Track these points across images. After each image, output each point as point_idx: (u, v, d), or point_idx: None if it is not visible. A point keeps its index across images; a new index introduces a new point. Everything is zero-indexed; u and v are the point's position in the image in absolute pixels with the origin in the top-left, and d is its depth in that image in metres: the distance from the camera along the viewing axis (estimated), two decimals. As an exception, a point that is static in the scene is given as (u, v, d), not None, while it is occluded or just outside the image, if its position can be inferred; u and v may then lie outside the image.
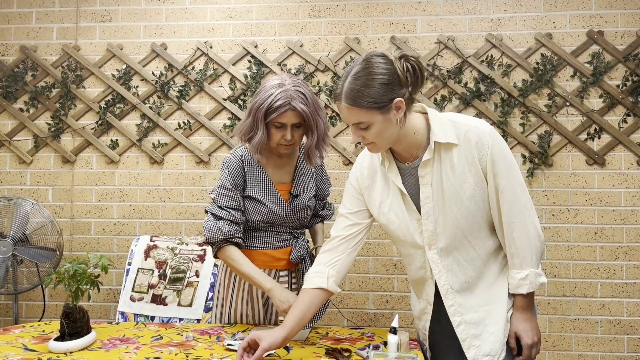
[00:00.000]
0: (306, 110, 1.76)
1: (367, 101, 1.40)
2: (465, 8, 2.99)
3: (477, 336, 1.54)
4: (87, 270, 1.66)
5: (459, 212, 1.51)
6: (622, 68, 2.90)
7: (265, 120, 1.78)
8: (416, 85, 1.44)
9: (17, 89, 3.15)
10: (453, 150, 1.49)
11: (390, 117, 1.43)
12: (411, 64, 1.42)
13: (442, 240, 1.54)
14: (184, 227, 3.09)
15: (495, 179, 1.48)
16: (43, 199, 3.14)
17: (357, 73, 1.42)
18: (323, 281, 1.59)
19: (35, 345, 1.66)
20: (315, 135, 1.84)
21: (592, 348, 2.88)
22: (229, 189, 1.86)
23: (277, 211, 1.88)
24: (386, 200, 1.61)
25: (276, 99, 1.74)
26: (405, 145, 1.53)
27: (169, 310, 2.67)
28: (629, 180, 2.89)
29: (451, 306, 1.56)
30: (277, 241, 1.93)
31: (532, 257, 1.50)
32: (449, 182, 1.50)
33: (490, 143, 1.47)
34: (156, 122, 3.09)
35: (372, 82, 1.40)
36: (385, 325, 2.95)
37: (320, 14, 3.07)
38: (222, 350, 1.63)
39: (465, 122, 1.51)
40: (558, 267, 2.91)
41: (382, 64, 1.41)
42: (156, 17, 3.13)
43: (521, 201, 1.49)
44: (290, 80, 1.78)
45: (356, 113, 1.43)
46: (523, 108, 2.94)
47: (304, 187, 1.95)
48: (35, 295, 3.13)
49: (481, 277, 1.57)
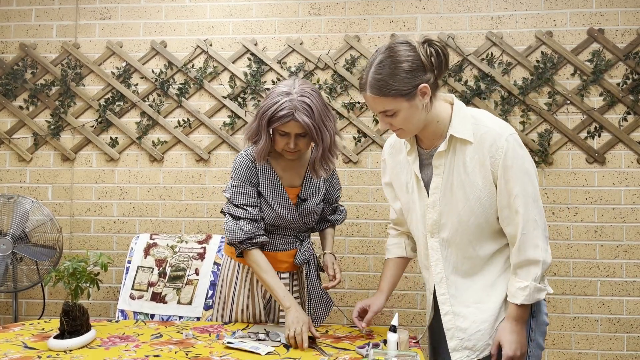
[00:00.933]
0: (309, 123, 1.71)
1: (392, 89, 1.41)
2: (466, 6, 2.99)
3: (463, 330, 1.54)
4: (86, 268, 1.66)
5: (462, 209, 1.50)
6: (622, 66, 2.89)
7: (269, 127, 1.75)
8: (441, 69, 1.45)
9: (16, 87, 3.14)
10: (467, 148, 1.48)
11: (417, 103, 1.44)
12: (435, 48, 1.43)
13: (445, 231, 1.54)
14: (183, 225, 3.09)
15: (507, 185, 1.44)
16: (43, 196, 3.14)
17: (381, 62, 1.42)
18: (402, 251, 1.81)
19: (35, 343, 1.66)
20: (320, 148, 1.79)
21: (592, 346, 2.88)
22: (243, 186, 1.83)
23: (285, 215, 1.86)
24: (404, 178, 1.65)
25: (280, 108, 1.70)
26: (428, 132, 1.53)
27: (168, 309, 2.67)
28: (629, 179, 2.88)
29: (442, 294, 1.57)
30: (282, 244, 1.91)
31: (536, 272, 1.45)
32: (459, 178, 1.49)
33: (505, 148, 1.43)
34: (156, 120, 3.09)
35: (396, 70, 1.41)
36: (385, 323, 2.95)
37: (320, 12, 3.06)
38: (221, 349, 1.63)
39: (486, 123, 1.48)
40: (558, 265, 2.91)
41: (406, 51, 1.42)
42: (156, 14, 3.13)
43: (531, 214, 1.43)
44: (298, 89, 1.72)
45: (382, 102, 1.44)
46: (523, 106, 2.94)
47: (313, 191, 1.92)
48: (34, 293, 3.13)
49: (479, 274, 1.55)
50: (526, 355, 1.51)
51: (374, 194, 3.01)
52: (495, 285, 1.55)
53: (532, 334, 1.54)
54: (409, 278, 2.97)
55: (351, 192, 3.02)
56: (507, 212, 1.47)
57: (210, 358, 1.54)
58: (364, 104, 3.00)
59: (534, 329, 1.54)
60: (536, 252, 1.45)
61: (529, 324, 1.54)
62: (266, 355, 1.58)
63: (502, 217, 1.49)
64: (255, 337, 1.73)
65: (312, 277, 1.93)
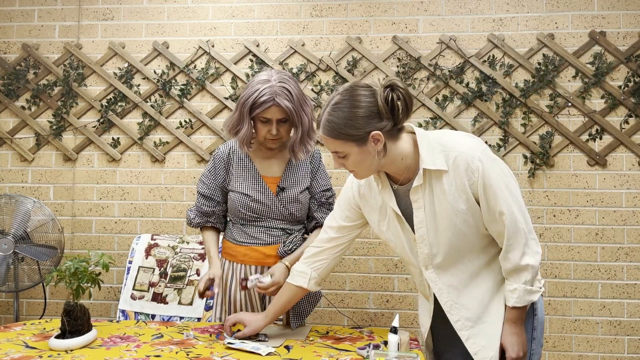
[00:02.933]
0: (290, 106, 1.79)
1: (343, 133, 1.42)
2: (467, 8, 2.99)
3: (475, 333, 1.54)
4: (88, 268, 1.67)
5: (452, 235, 1.49)
6: (624, 69, 2.89)
7: (251, 115, 1.83)
8: (400, 116, 1.43)
9: (19, 87, 3.15)
10: (443, 176, 1.45)
11: (368, 149, 1.43)
12: (398, 94, 1.40)
13: (438, 258, 1.54)
14: (184, 225, 3.09)
15: (489, 203, 1.44)
16: (44, 197, 3.14)
17: (337, 104, 1.43)
18: (304, 282, 1.74)
19: (36, 343, 1.66)
20: (299, 131, 1.87)
21: (593, 349, 2.88)
22: (207, 176, 1.98)
23: (262, 199, 1.90)
24: (384, 220, 1.62)
25: (261, 95, 1.77)
26: (395, 169, 1.52)
27: (169, 309, 2.67)
28: (630, 181, 2.88)
29: (457, 321, 1.55)
30: (267, 237, 1.93)
31: (526, 276, 1.47)
32: (441, 207, 1.48)
33: (480, 168, 1.42)
34: (157, 120, 3.09)
35: (350, 114, 1.40)
36: (385, 324, 2.95)
37: (322, 13, 3.06)
38: (222, 349, 1.63)
39: (454, 147, 1.45)
40: (559, 268, 2.91)
41: (364, 96, 1.41)
42: (158, 15, 3.14)
43: (518, 223, 1.44)
44: (276, 76, 1.81)
45: (333, 143, 1.46)
46: (525, 108, 2.94)
47: (294, 181, 1.96)
48: (36, 293, 3.14)
49: (478, 280, 1.56)
50: (529, 353, 1.53)
51: (375, 196, 3.01)
52: (496, 290, 1.56)
53: (534, 333, 1.55)
54: (409, 280, 2.97)
55: (352, 194, 3.02)
56: (494, 227, 1.48)
57: (211, 358, 1.55)
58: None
59: (536, 327, 1.55)
60: (523, 258, 1.46)
61: (531, 323, 1.55)
62: (267, 355, 1.58)
63: (489, 229, 1.50)
64: (255, 338, 1.73)
65: None
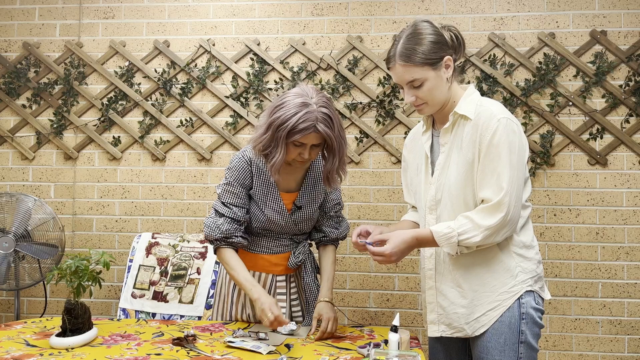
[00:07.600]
0: (330, 133, 1.69)
1: (420, 57, 1.50)
2: (468, 7, 2.99)
3: (442, 307, 1.59)
4: (88, 267, 1.67)
5: (453, 184, 1.55)
6: (625, 68, 2.89)
7: (287, 140, 1.69)
8: (459, 50, 1.57)
9: (19, 86, 3.15)
10: (467, 124, 1.54)
11: (441, 75, 1.53)
12: (453, 32, 1.56)
13: (440, 208, 1.59)
14: (185, 224, 3.09)
15: (485, 160, 1.48)
16: (45, 195, 3.15)
17: (410, 35, 1.53)
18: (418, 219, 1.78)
19: (37, 341, 1.67)
20: (337, 160, 1.78)
21: (593, 348, 2.88)
22: (234, 185, 1.83)
23: (277, 220, 1.85)
24: (416, 161, 1.70)
25: (301, 120, 1.65)
26: (443, 113, 1.60)
27: (170, 307, 2.67)
28: (630, 181, 2.88)
29: (429, 270, 1.62)
30: (276, 246, 1.91)
31: (467, 228, 1.47)
32: (456, 155, 1.55)
33: (495, 128, 1.48)
34: (158, 119, 3.10)
35: (424, 40, 1.51)
36: (386, 323, 2.95)
37: (323, 12, 3.06)
38: (222, 347, 1.64)
39: (487, 105, 1.55)
40: (559, 267, 2.91)
41: (430, 26, 1.54)
42: (159, 14, 3.14)
43: (504, 195, 1.46)
44: (315, 99, 1.69)
45: (410, 70, 1.51)
46: (525, 107, 2.94)
47: (310, 199, 1.90)
48: (36, 291, 3.14)
49: (469, 257, 1.56)
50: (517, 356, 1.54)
51: (375, 195, 3.01)
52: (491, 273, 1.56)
53: (522, 336, 1.55)
54: (410, 279, 2.98)
55: (353, 193, 3.02)
56: (482, 192, 1.50)
57: (212, 357, 1.55)
58: (366, 105, 3.00)
59: (524, 331, 1.55)
60: (485, 220, 1.46)
61: (519, 327, 1.55)
62: (267, 354, 1.58)
63: (477, 194, 1.52)
64: (256, 337, 1.73)
65: (308, 280, 1.93)
